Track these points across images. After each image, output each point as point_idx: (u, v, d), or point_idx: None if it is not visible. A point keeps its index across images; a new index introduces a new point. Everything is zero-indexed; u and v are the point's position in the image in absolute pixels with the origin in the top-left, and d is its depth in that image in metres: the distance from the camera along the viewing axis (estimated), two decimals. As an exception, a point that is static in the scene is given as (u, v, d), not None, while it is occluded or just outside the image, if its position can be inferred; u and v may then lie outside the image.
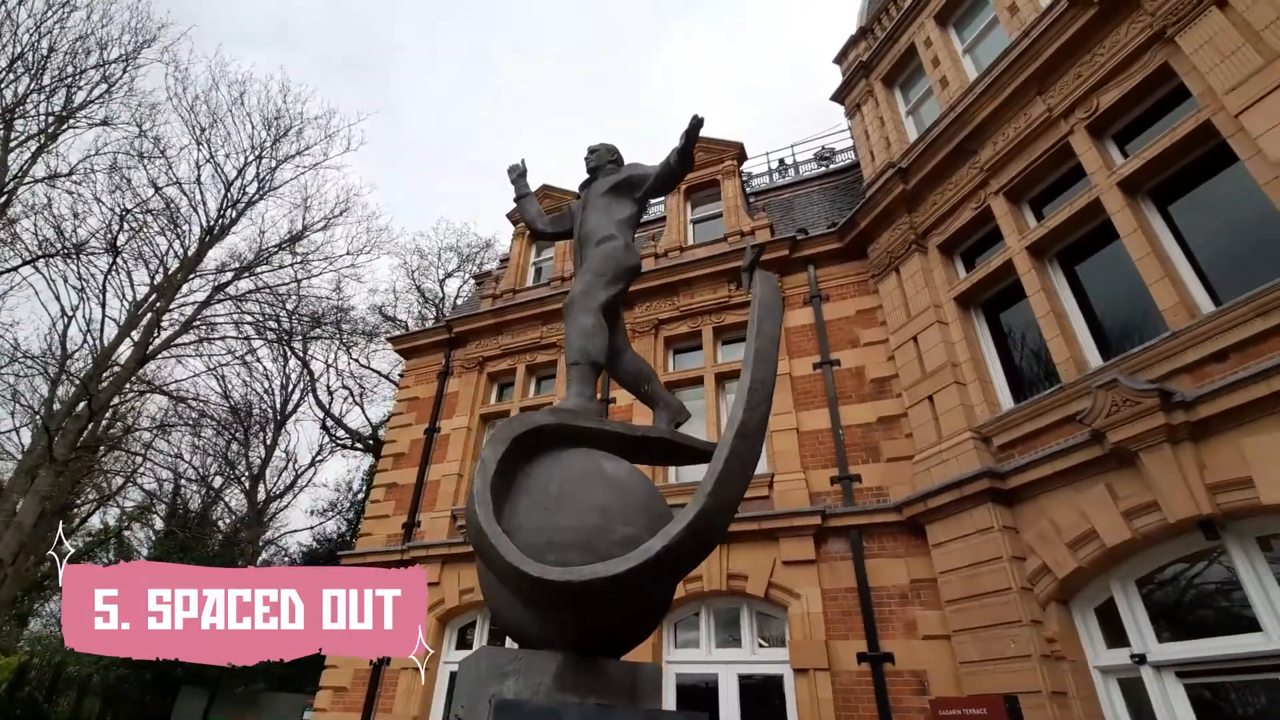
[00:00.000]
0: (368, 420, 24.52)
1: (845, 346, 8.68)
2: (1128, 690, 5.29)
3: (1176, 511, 4.80)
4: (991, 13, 8.25)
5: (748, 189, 12.72)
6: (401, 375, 12.42)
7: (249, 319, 18.96)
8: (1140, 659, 5.08)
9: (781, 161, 13.46)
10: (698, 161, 11.77)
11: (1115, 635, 5.48)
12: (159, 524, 23.32)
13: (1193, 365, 5.00)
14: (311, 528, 24.88)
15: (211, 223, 16.47)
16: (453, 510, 9.67)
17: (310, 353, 22.44)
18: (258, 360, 22.72)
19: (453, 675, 8.72)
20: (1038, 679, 5.32)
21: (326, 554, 23.72)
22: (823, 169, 12.72)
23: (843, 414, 8.11)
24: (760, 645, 7.46)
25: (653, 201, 6.48)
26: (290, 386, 24.50)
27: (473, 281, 25.56)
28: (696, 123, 3.10)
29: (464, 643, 9.00)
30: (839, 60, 11.31)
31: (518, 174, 4.23)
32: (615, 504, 2.28)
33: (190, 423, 20.06)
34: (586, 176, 3.94)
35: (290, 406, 24.70)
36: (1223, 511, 4.61)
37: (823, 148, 13.17)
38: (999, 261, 7.16)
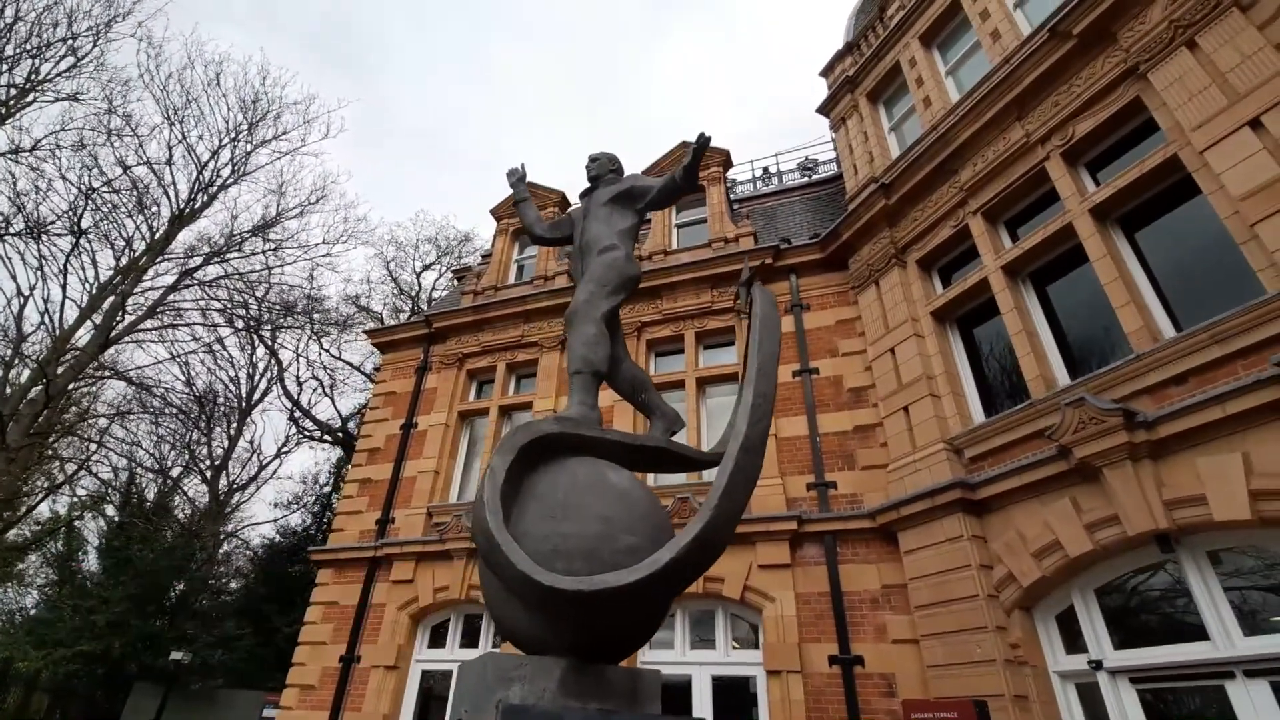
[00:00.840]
0: (338, 412, 24.11)
1: (824, 355, 8.86)
2: (1084, 695, 5.54)
3: (1136, 525, 5.05)
4: (975, 37, 8.51)
5: (732, 195, 12.87)
6: (378, 369, 12.27)
7: (217, 306, 18.48)
8: (1097, 665, 5.33)
9: (765, 170, 13.65)
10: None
11: (1073, 642, 5.73)
12: (114, 514, 22.53)
13: (1154, 387, 5.26)
14: (275, 520, 24.33)
15: (182, 206, 15.98)
16: (429, 508, 9.60)
17: (279, 342, 21.96)
18: (223, 349, 22.15)
19: (424, 674, 8.68)
20: (1001, 683, 5.54)
21: (290, 548, 23.26)
22: (805, 179, 12.93)
23: (820, 422, 8.29)
24: (734, 647, 7.59)
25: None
26: (257, 376, 23.96)
27: (450, 275, 25.30)
28: (704, 142, 3.17)
29: (437, 641, 8.95)
30: (825, 74, 11.52)
31: (517, 178, 4.25)
32: (619, 513, 2.34)
33: (151, 410, 19.45)
34: (587, 185, 3.99)
35: (256, 396, 24.14)
36: (1178, 526, 4.87)
37: (806, 158, 13.40)
38: (975, 279, 7.40)
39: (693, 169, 3.28)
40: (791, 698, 6.64)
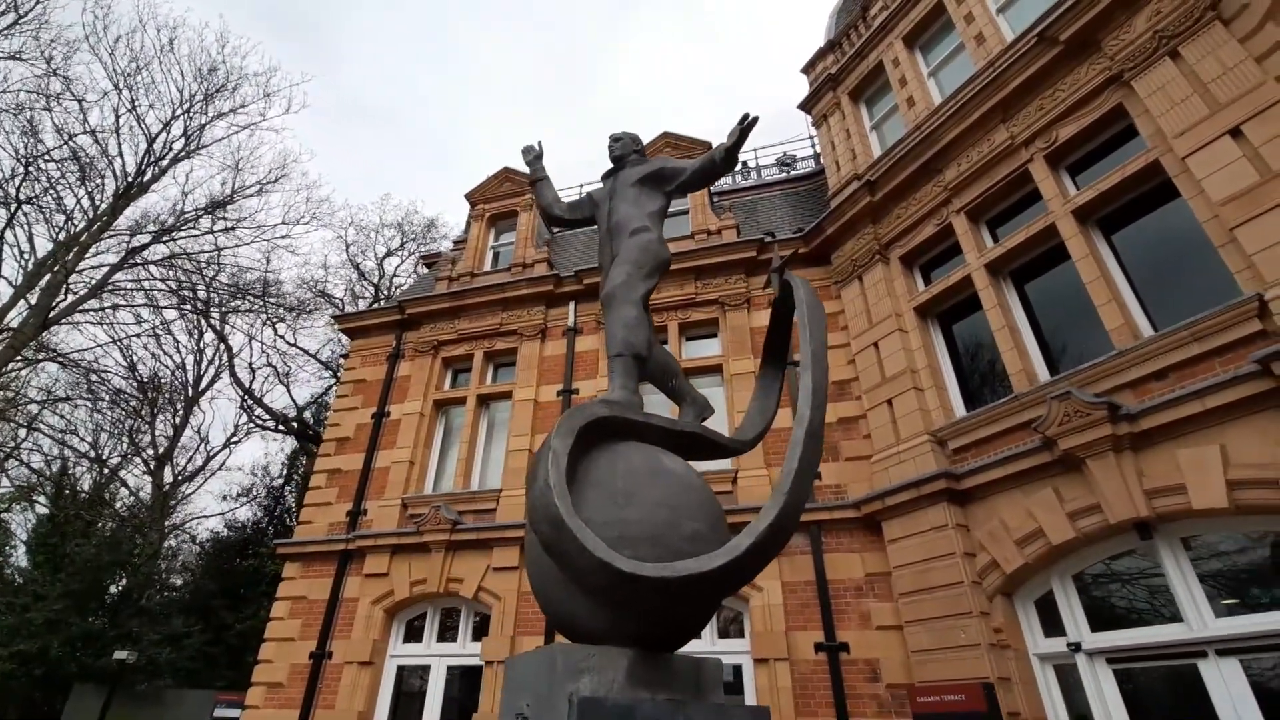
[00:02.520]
0: (293, 401, 23.22)
1: (807, 349, 8.96)
2: (1062, 676, 5.78)
3: (1117, 514, 5.28)
4: (958, 39, 8.70)
5: (712, 188, 12.88)
6: (343, 356, 11.84)
7: (164, 287, 17.46)
8: (1076, 647, 5.57)
9: (744, 164, 13.70)
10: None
11: (1052, 626, 5.97)
12: (46, 505, 21.15)
13: (1135, 382, 5.50)
14: (223, 514, 23.30)
15: (129, 179, 14.98)
16: (403, 499, 9.32)
17: (231, 326, 20.95)
18: (169, 333, 21.01)
19: (400, 669, 8.44)
20: (985, 666, 5.73)
21: (240, 543, 22.32)
22: (784, 174, 13.04)
23: (804, 414, 8.38)
24: (720, 636, 7.63)
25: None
26: (205, 362, 22.81)
27: (417, 261, 24.61)
28: (751, 122, 3.11)
29: (413, 636, 8.71)
30: (806, 70, 11.61)
31: (534, 155, 4.12)
32: (682, 500, 2.29)
33: (89, 396, 18.28)
34: (610, 165, 3.89)
35: (205, 383, 22.99)
36: (1157, 515, 5.11)
37: (784, 154, 13.51)
38: (958, 276, 7.59)
39: (736, 149, 3.21)
40: (779, 685, 6.72)
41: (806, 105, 11.25)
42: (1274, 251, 4.71)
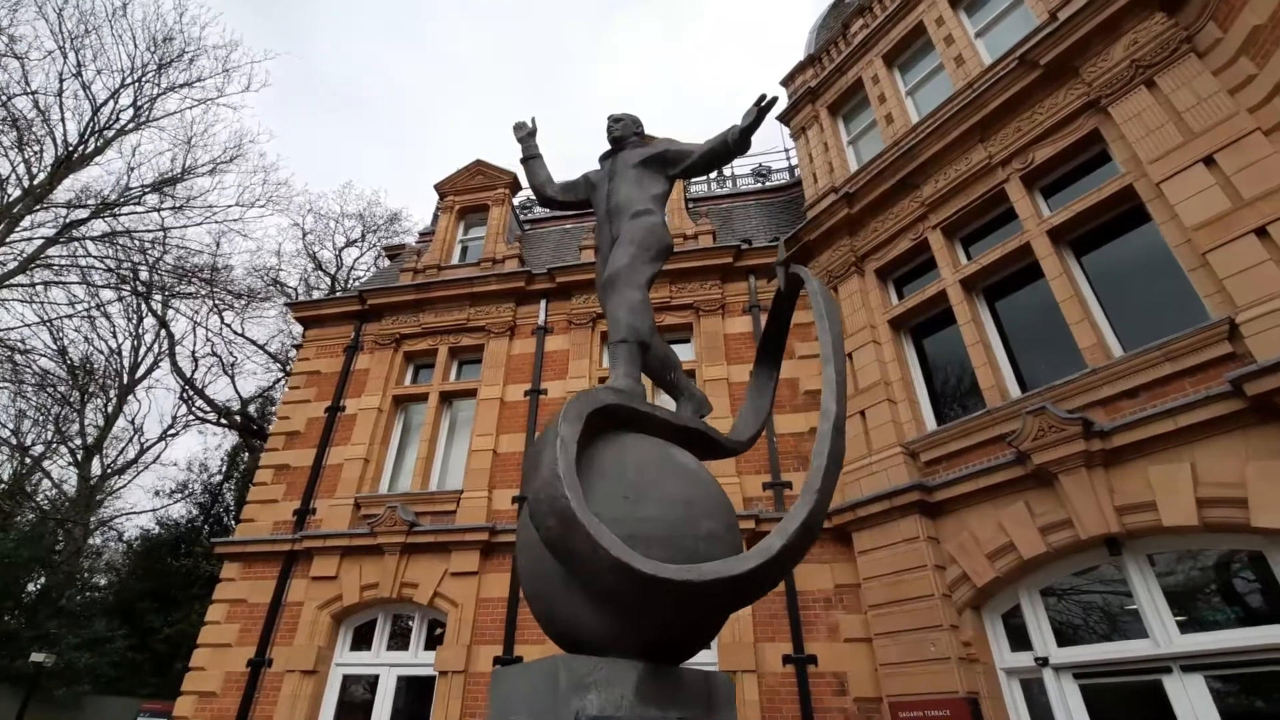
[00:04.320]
0: (237, 394, 22.07)
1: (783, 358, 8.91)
2: (1028, 690, 5.80)
3: (1088, 529, 5.33)
4: (937, 60, 8.86)
5: (688, 193, 12.81)
6: (299, 346, 11.23)
7: (101, 266, 16.34)
8: (1043, 661, 5.59)
9: (720, 171, 13.71)
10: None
11: (1019, 640, 6.00)
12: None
13: (1107, 399, 5.59)
14: (155, 510, 21.92)
15: (70, 149, 13.96)
16: (357, 498, 8.85)
17: (175, 311, 19.78)
18: (105, 315, 19.71)
19: (346, 678, 7.96)
20: (955, 680, 5.70)
21: (172, 541, 21.05)
22: (760, 185, 13.09)
23: (776, 423, 8.32)
24: (685, 647, 7.44)
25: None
26: (144, 348, 21.47)
27: (378, 252, 23.82)
28: (770, 103, 2.97)
29: (361, 643, 8.23)
30: (786, 83, 11.69)
31: (526, 133, 3.90)
32: (697, 497, 2.10)
33: (11, 378, 16.89)
34: (609, 147, 3.71)
35: (142, 371, 21.64)
36: (1127, 531, 5.17)
37: (760, 165, 13.57)
38: (933, 290, 7.66)
39: (751, 132, 3.07)
40: (746, 698, 6.57)
41: (785, 117, 11.31)
42: (1245, 276, 4.85)
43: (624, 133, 3.67)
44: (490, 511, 8.39)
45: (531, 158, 3.87)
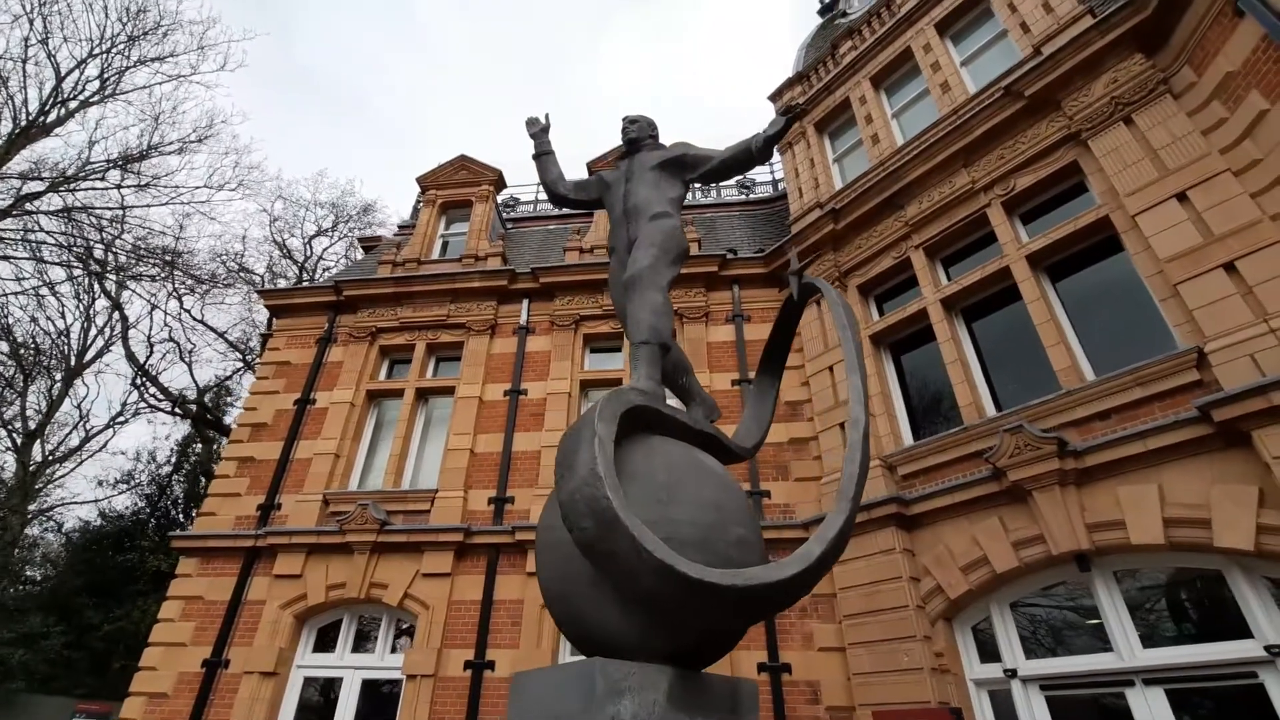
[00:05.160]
0: (194, 382, 21.23)
1: (762, 367, 9.01)
2: (996, 701, 5.95)
3: (1060, 545, 5.51)
4: (924, 85, 9.11)
5: (672, 201, 12.87)
6: (268, 336, 10.87)
7: (53, 242, 15.54)
8: (1012, 673, 5.75)
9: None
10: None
11: (988, 652, 6.16)
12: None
13: (1081, 420, 5.80)
14: (98, 501, 20.89)
15: (29, 118, 13.25)
16: (325, 494, 8.59)
17: (131, 292, 18.92)
18: (54, 294, 18.76)
19: (307, 681, 7.70)
20: (927, 690, 5.81)
21: (115, 534, 20.08)
22: (744, 197, 13.24)
23: (757, 431, 8.38)
24: (660, 654, 7.42)
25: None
26: (95, 330, 20.48)
27: (349, 243, 23.27)
28: (798, 113, 3.01)
29: (324, 644, 7.97)
30: (774, 98, 11.87)
31: (539, 128, 3.87)
32: (727, 501, 2.11)
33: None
34: (625, 147, 3.70)
35: (92, 354, 20.63)
36: (1097, 548, 5.37)
37: (744, 177, 13.73)
38: (914, 308, 7.85)
39: (775, 140, 3.10)
40: (720, 705, 6.57)
41: (773, 131, 11.46)
42: (1214, 308, 5.10)
43: (639, 134, 3.67)
44: (465, 512, 8.24)
45: (544, 154, 3.84)
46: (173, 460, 24.03)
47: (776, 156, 12.09)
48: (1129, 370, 5.54)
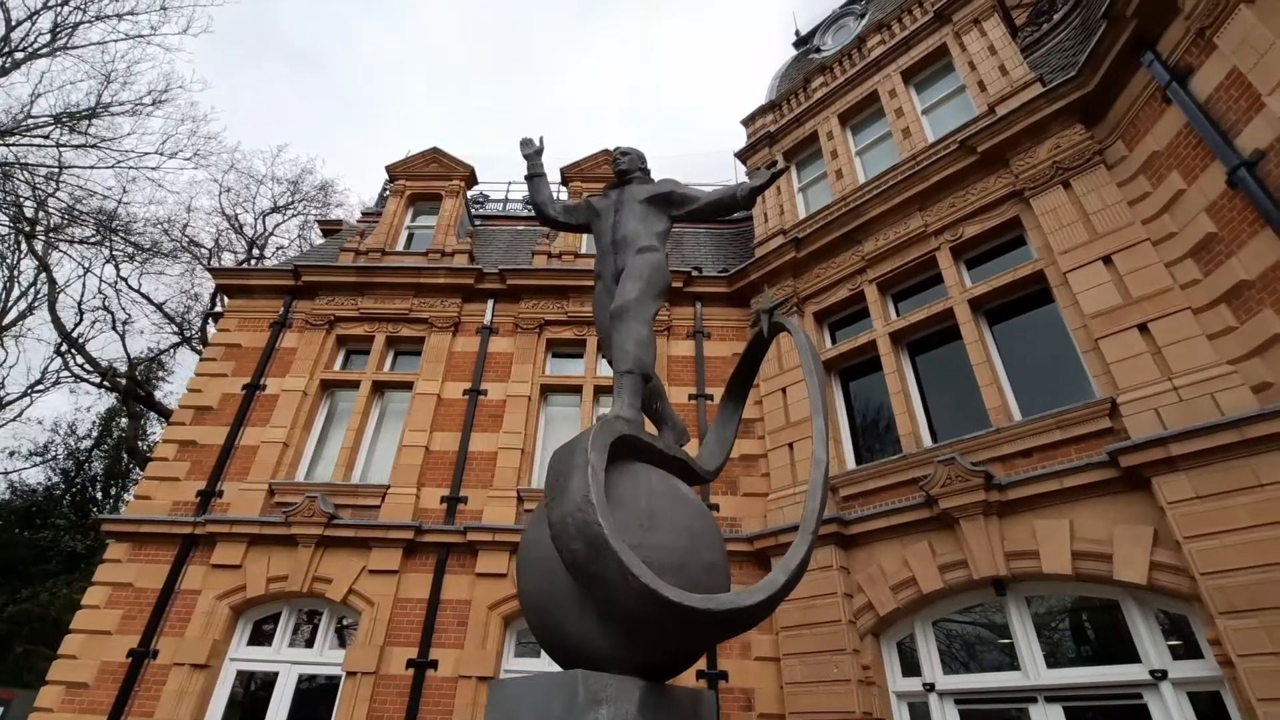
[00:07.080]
0: (125, 353, 20.13)
1: (718, 384, 9.31)
2: (915, 713, 6.39)
3: (981, 570, 5.99)
4: (887, 128, 9.65)
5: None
6: (218, 315, 10.53)
7: (-21, 196, 14.54)
8: (930, 687, 6.20)
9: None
10: (594, 176, 11.89)
11: (910, 666, 6.60)
12: None
13: (1006, 456, 6.31)
14: (8, 473, 19.57)
15: (-33, 65, 12.36)
16: (271, 484, 8.41)
17: (62, 253, 17.83)
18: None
19: (240, 675, 7.53)
20: (854, 701, 6.20)
21: (24, 510, 18.89)
22: (710, 214, 13.56)
23: (710, 446, 8.68)
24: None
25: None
26: (18, 292, 19.17)
27: (304, 223, 22.54)
28: (781, 170, 3.27)
29: (260, 638, 7.81)
30: (746, 123, 12.28)
31: (533, 150, 4.02)
32: (700, 527, 2.32)
33: None
34: (614, 178, 3.90)
35: (11, 318, 19.30)
36: (1013, 574, 5.87)
37: (712, 194, 14.06)
38: (864, 339, 8.31)
39: (760, 191, 3.36)
40: (659, 710, 6.80)
41: (743, 155, 11.85)
42: (1128, 364, 5.67)
43: (630, 166, 3.87)
44: (417, 509, 8.23)
45: (536, 175, 3.99)
46: (94, 435, 22.76)
47: (732, 177, 12.47)
48: (1051, 414, 6.08)
